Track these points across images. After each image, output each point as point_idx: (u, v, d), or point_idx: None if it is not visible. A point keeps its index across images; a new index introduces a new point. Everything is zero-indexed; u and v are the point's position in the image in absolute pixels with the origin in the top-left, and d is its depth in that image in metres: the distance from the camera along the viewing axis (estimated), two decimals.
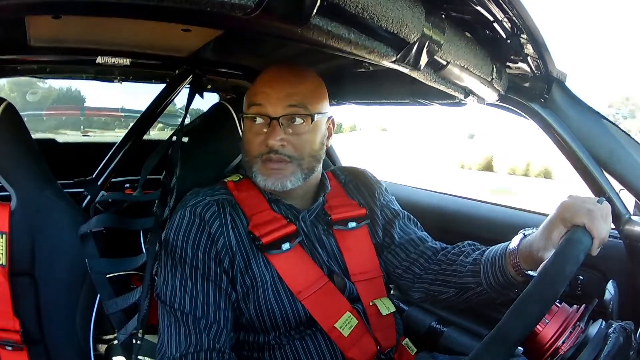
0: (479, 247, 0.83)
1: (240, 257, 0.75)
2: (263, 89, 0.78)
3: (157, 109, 1.21)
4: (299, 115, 0.77)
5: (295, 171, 0.78)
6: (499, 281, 0.74)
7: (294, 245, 0.78)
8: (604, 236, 0.59)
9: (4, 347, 0.85)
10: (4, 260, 0.84)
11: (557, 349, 0.53)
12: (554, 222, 0.64)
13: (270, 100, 0.76)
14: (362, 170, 0.99)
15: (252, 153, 0.79)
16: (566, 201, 0.64)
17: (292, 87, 0.78)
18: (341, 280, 0.81)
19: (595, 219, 0.59)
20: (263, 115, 0.77)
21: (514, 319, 0.46)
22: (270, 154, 0.76)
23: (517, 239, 0.73)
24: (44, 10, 0.60)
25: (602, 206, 0.62)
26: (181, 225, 0.75)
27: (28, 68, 1.11)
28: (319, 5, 0.42)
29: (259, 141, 0.77)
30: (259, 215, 0.79)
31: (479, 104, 0.87)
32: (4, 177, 0.86)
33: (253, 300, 0.74)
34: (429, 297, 0.86)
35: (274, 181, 0.77)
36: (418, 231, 0.93)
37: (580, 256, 0.53)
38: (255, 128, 0.78)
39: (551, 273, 0.50)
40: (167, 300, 0.73)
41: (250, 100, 0.80)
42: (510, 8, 0.60)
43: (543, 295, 0.48)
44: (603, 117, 0.83)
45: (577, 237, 0.56)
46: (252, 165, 0.79)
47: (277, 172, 0.77)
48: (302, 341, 0.76)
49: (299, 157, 0.78)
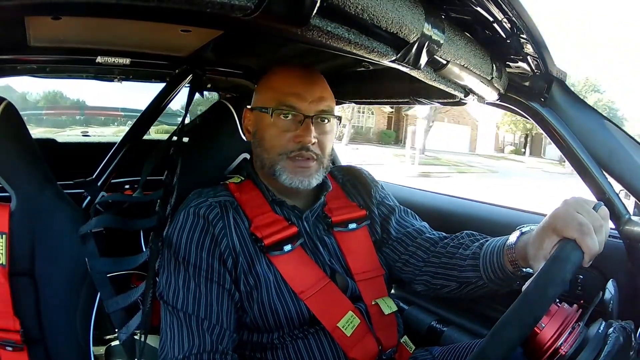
0: (478, 238, 0.83)
1: (243, 258, 0.75)
2: (295, 88, 0.79)
3: (157, 108, 1.21)
4: (327, 116, 0.80)
5: (318, 169, 0.80)
6: (499, 276, 0.74)
7: (296, 246, 0.78)
8: (595, 252, 0.55)
9: (4, 348, 0.85)
10: (4, 261, 0.84)
11: (557, 349, 0.53)
12: (546, 230, 0.61)
13: (306, 99, 0.78)
14: (359, 168, 1.00)
15: (276, 149, 0.79)
16: (559, 210, 0.60)
17: (322, 89, 0.81)
18: (343, 279, 0.81)
19: (587, 234, 0.55)
20: (298, 112, 0.78)
21: (493, 344, 0.46)
22: (302, 150, 0.77)
23: (515, 236, 0.72)
24: (43, 11, 0.60)
25: (596, 216, 0.58)
26: (184, 226, 0.75)
27: (28, 68, 1.11)
28: (319, 6, 0.42)
29: (287, 137, 0.78)
30: (261, 217, 0.79)
31: (479, 103, 0.87)
32: (3, 177, 0.86)
33: (257, 300, 0.74)
34: (432, 290, 0.87)
35: (301, 179, 0.78)
36: (416, 223, 0.93)
37: (567, 275, 0.51)
38: (283, 124, 0.78)
39: (532, 297, 0.49)
40: (169, 301, 0.73)
41: (280, 99, 0.79)
42: (510, 8, 0.60)
43: (522, 321, 0.47)
44: (603, 117, 0.82)
45: (565, 255, 0.54)
46: (275, 162, 0.79)
47: (304, 170, 0.78)
48: (305, 341, 0.76)
49: (322, 156, 0.80)
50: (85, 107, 4.02)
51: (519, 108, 0.86)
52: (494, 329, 0.48)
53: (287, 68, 0.83)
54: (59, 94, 6.35)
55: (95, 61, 1.01)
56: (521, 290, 0.51)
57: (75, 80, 1.33)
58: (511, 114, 0.95)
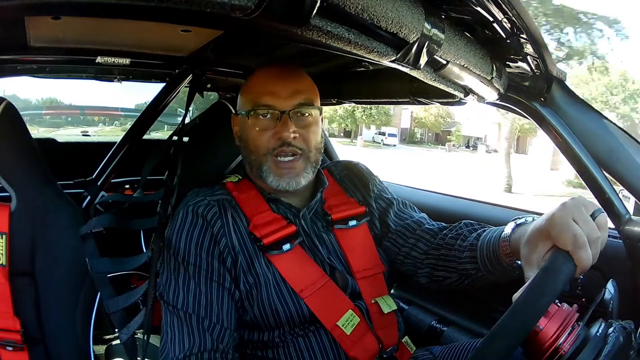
0: (475, 228, 0.82)
1: (242, 257, 0.75)
2: (269, 87, 0.79)
3: (157, 108, 1.21)
4: (306, 108, 0.79)
5: (306, 166, 0.80)
6: (496, 268, 0.74)
7: (294, 245, 0.78)
8: (587, 266, 0.53)
9: (4, 348, 0.85)
10: (4, 261, 0.84)
11: (557, 349, 0.53)
12: (542, 233, 0.58)
13: (280, 96, 0.78)
14: (356, 163, 1.00)
15: (260, 150, 0.79)
16: (556, 215, 0.57)
17: (298, 83, 0.80)
18: (343, 277, 0.81)
19: (580, 247, 0.52)
20: (273, 110, 0.78)
21: (482, 355, 0.46)
22: (283, 147, 0.77)
23: (510, 228, 0.70)
24: (43, 11, 0.60)
25: (592, 226, 0.55)
26: (183, 225, 0.75)
27: (28, 68, 1.11)
28: (319, 6, 0.42)
29: (268, 136, 0.78)
30: (259, 216, 0.79)
31: (479, 103, 0.87)
32: (3, 177, 0.86)
33: (256, 298, 0.74)
34: (435, 283, 0.86)
35: (288, 180, 0.78)
36: (415, 214, 0.93)
37: (559, 287, 0.50)
38: (262, 124, 0.79)
39: (522, 309, 0.49)
40: (170, 300, 0.73)
41: (255, 100, 0.79)
42: (510, 8, 0.60)
43: (512, 333, 0.47)
44: (603, 117, 0.82)
45: (557, 267, 0.52)
46: (261, 164, 0.79)
47: (290, 170, 0.78)
48: (305, 339, 0.76)
49: (307, 150, 0.79)
50: (85, 107, 4.04)
51: (519, 108, 0.86)
52: (484, 339, 0.48)
53: (266, 69, 0.83)
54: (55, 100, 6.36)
55: (95, 61, 1.01)
56: (523, 280, 0.51)
57: (70, 82, 1.31)
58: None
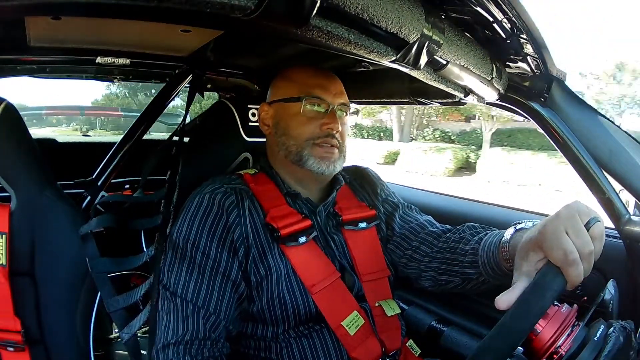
0: (478, 231, 0.83)
1: (255, 248, 0.75)
2: (320, 80, 0.85)
3: (157, 108, 1.21)
4: (347, 108, 0.87)
5: (340, 157, 0.85)
6: (497, 272, 0.74)
7: (309, 239, 0.79)
8: (577, 282, 0.51)
9: (5, 348, 0.85)
10: (4, 261, 0.84)
11: (557, 349, 0.53)
12: (534, 243, 0.56)
13: (330, 92, 0.84)
14: (364, 168, 1.02)
15: (304, 136, 0.82)
16: (548, 226, 0.55)
17: (341, 85, 0.88)
18: (351, 277, 0.82)
19: (570, 265, 0.51)
20: (324, 102, 0.83)
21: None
22: (328, 137, 0.82)
23: (509, 233, 0.70)
24: (43, 12, 0.60)
25: (586, 240, 0.53)
26: (197, 211, 0.75)
27: (28, 68, 1.11)
28: (319, 6, 0.42)
29: (315, 125, 0.82)
30: (276, 208, 0.80)
31: (479, 103, 0.87)
32: (3, 177, 0.86)
33: (266, 290, 0.74)
34: (438, 287, 0.86)
35: (328, 164, 0.82)
36: (420, 217, 0.94)
37: (547, 303, 0.50)
38: (311, 113, 0.83)
39: (509, 326, 0.49)
40: (169, 286, 0.72)
41: (307, 90, 0.83)
42: (510, 8, 0.60)
43: (499, 350, 0.48)
44: (603, 117, 0.82)
45: (547, 282, 0.51)
46: (302, 148, 0.82)
47: (330, 156, 0.82)
48: (308, 338, 0.76)
49: (342, 144, 0.85)
50: (85, 107, 4.05)
51: (519, 108, 0.86)
52: (471, 356, 0.48)
53: (303, 66, 0.88)
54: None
55: (95, 61, 1.01)
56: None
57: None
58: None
